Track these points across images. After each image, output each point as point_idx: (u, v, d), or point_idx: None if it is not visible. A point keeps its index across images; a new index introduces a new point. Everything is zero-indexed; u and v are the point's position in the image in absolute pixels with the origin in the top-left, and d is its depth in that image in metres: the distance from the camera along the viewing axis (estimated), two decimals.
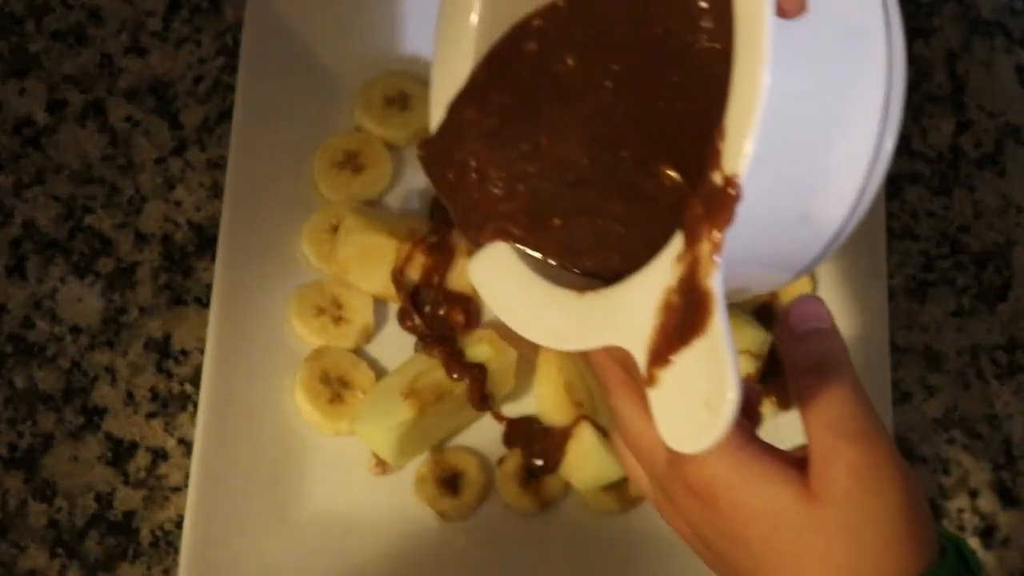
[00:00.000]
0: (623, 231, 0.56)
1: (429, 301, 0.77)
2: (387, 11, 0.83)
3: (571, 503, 0.76)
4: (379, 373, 0.77)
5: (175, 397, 0.78)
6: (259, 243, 0.78)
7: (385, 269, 0.77)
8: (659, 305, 0.50)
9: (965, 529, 0.77)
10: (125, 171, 0.81)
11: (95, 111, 0.82)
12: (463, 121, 0.60)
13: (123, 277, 0.80)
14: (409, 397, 0.73)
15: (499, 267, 0.58)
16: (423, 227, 0.78)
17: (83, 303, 0.79)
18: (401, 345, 0.78)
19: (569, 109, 0.58)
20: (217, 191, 0.80)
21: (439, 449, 0.76)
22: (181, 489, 0.76)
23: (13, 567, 0.74)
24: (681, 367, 0.49)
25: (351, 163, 0.80)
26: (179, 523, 0.75)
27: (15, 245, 0.80)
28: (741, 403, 0.47)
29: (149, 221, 0.81)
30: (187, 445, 0.76)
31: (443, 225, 0.78)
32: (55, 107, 0.82)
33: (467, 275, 0.76)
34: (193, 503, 0.72)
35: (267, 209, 0.78)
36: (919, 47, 0.85)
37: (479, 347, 0.75)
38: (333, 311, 0.77)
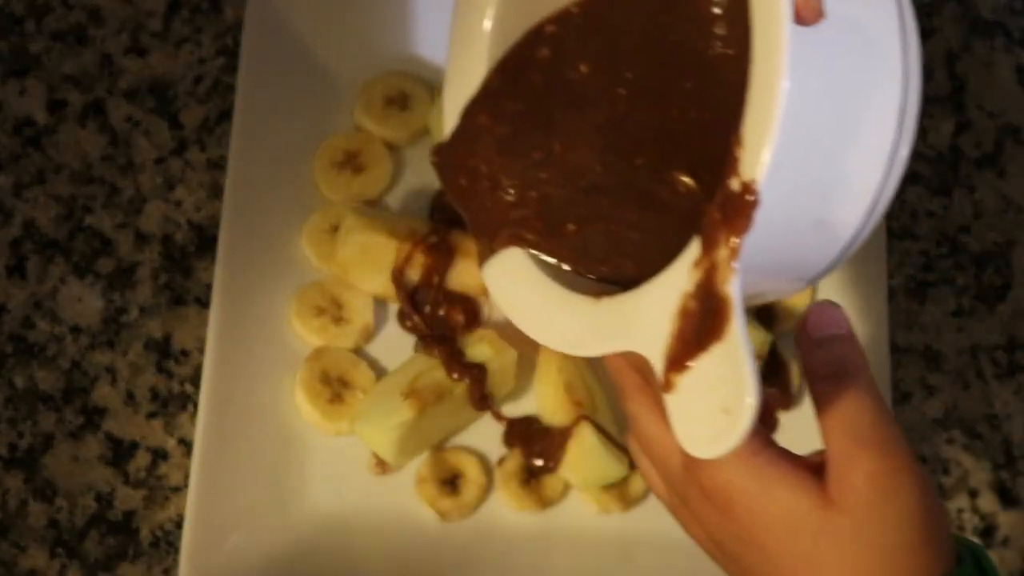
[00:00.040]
0: (638, 238, 0.56)
1: (429, 301, 0.77)
2: (387, 11, 0.83)
3: (571, 503, 0.76)
4: (379, 373, 0.77)
5: (175, 397, 0.78)
6: (259, 243, 0.78)
7: (385, 269, 0.77)
8: (676, 311, 0.50)
9: (965, 529, 0.77)
10: (125, 171, 0.81)
11: (95, 111, 0.82)
12: (476, 128, 0.60)
13: (123, 277, 0.80)
14: (409, 397, 0.73)
15: (514, 272, 0.58)
16: (423, 227, 0.78)
17: (83, 303, 0.79)
18: (401, 345, 0.78)
19: (582, 116, 0.58)
20: (217, 191, 0.80)
21: (439, 449, 0.76)
22: (181, 489, 0.76)
23: (13, 567, 0.74)
24: (699, 372, 0.49)
25: (351, 163, 0.80)
26: (179, 523, 0.75)
27: (15, 245, 0.80)
28: (760, 408, 0.48)
29: (149, 221, 0.81)
30: (187, 445, 0.76)
31: (443, 225, 0.78)
32: (55, 107, 0.82)
33: (467, 275, 0.77)
34: (193, 503, 0.72)
35: (267, 209, 0.78)
36: None
37: (479, 347, 0.75)
38: (333, 311, 0.77)
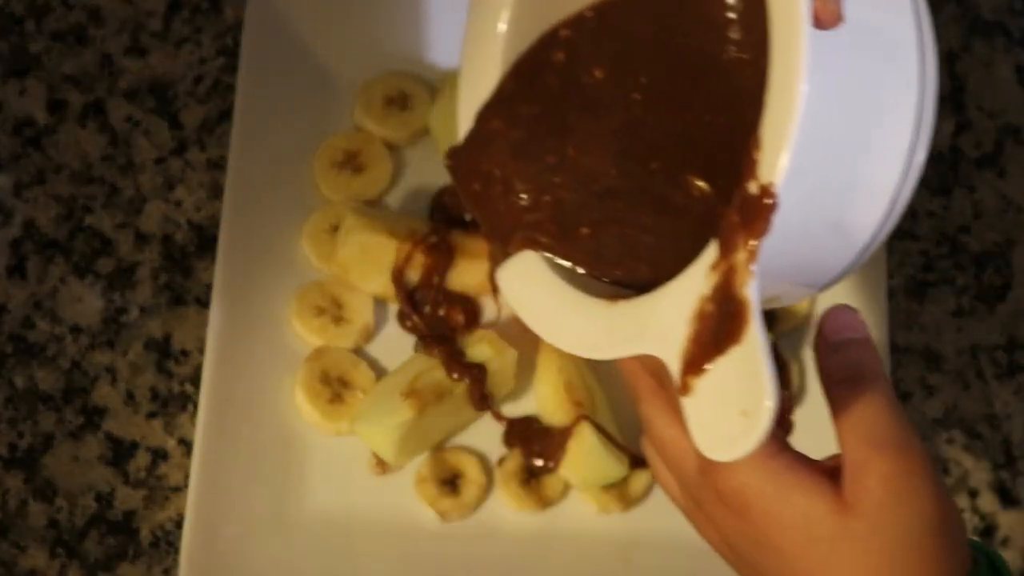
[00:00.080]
0: (652, 241, 0.56)
1: (429, 301, 0.77)
2: (387, 11, 0.83)
3: (571, 503, 0.76)
4: (379, 373, 0.77)
5: (175, 397, 0.78)
6: (259, 243, 0.78)
7: (385, 269, 0.77)
8: (693, 314, 0.50)
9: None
10: (125, 171, 0.81)
11: (95, 111, 0.82)
12: (490, 131, 0.60)
13: (123, 277, 0.80)
14: (409, 397, 0.73)
15: (528, 275, 0.58)
16: (423, 227, 0.78)
17: (83, 303, 0.79)
18: (401, 345, 0.78)
19: (597, 120, 0.58)
20: (217, 191, 0.80)
21: (439, 449, 0.76)
22: (181, 489, 0.76)
23: (13, 567, 0.74)
24: (716, 376, 0.49)
25: (351, 163, 0.80)
26: (179, 523, 0.75)
27: (15, 245, 0.80)
28: (778, 412, 0.48)
29: (149, 221, 0.81)
30: (187, 445, 0.76)
31: (443, 225, 0.78)
32: (55, 107, 0.82)
33: (467, 275, 0.77)
34: (193, 503, 0.72)
35: (267, 209, 0.78)
36: None
37: (479, 347, 0.75)
38: (333, 311, 0.77)
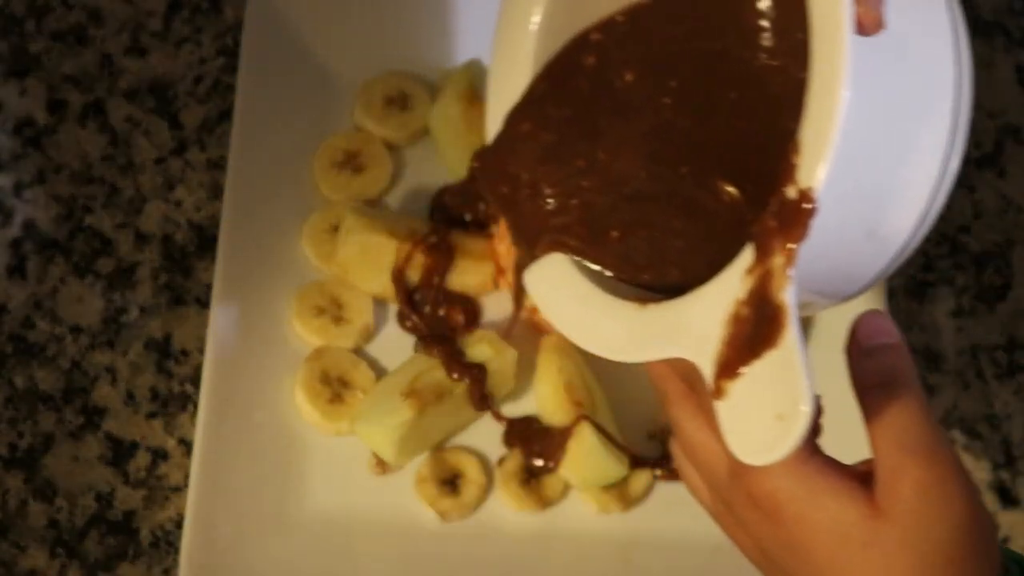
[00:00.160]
0: (682, 245, 0.56)
1: (429, 301, 0.77)
2: (387, 11, 0.83)
3: (571, 503, 0.75)
4: (379, 373, 0.77)
5: (175, 397, 0.78)
6: (259, 243, 0.78)
7: (385, 269, 0.77)
8: (727, 317, 0.50)
9: None
10: (125, 171, 0.81)
11: (95, 111, 0.82)
12: (519, 134, 0.60)
13: (123, 277, 0.80)
14: (409, 397, 0.73)
15: (555, 278, 0.58)
16: (423, 227, 0.78)
17: (83, 303, 0.79)
18: (401, 345, 0.78)
19: (628, 124, 0.58)
20: (217, 191, 0.80)
21: (439, 449, 0.76)
22: (181, 489, 0.76)
23: (13, 567, 0.74)
24: (751, 379, 0.49)
25: (351, 163, 0.80)
26: (179, 523, 0.75)
27: (15, 245, 0.80)
28: (815, 416, 0.48)
29: (149, 221, 0.81)
30: (187, 445, 0.76)
31: (443, 225, 0.78)
32: (55, 107, 0.82)
33: (467, 275, 0.77)
34: (193, 503, 0.72)
35: (267, 209, 0.78)
36: None
37: (479, 347, 0.75)
38: (333, 311, 0.77)
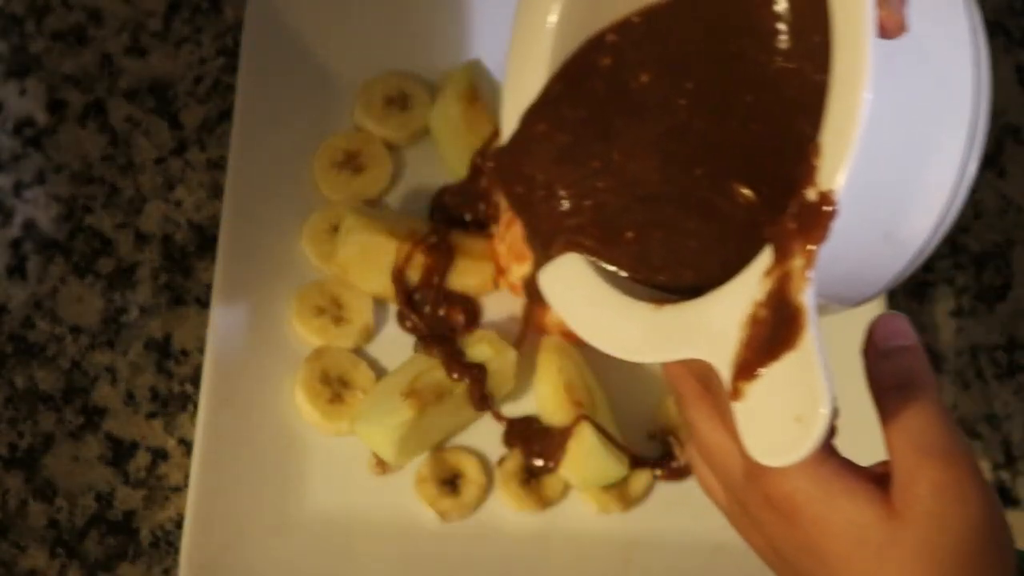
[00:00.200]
0: (697, 246, 0.56)
1: (429, 301, 0.77)
2: (387, 11, 0.83)
3: (571, 503, 0.76)
4: (379, 373, 0.77)
5: (175, 397, 0.78)
6: (259, 243, 0.78)
7: (385, 269, 0.77)
8: (745, 319, 0.50)
9: None
10: (125, 171, 0.81)
11: (95, 111, 0.82)
12: (534, 135, 0.60)
13: (123, 277, 0.80)
14: (409, 397, 0.73)
15: (570, 278, 0.58)
16: (423, 227, 0.78)
17: (83, 303, 0.79)
18: (401, 345, 0.78)
19: (643, 126, 0.58)
20: (217, 191, 0.80)
21: (439, 449, 0.76)
22: (181, 489, 0.76)
23: (13, 567, 0.74)
24: (769, 381, 0.49)
25: (351, 163, 0.80)
26: (179, 523, 0.75)
27: (15, 245, 0.80)
28: (833, 418, 0.48)
29: (149, 221, 0.81)
30: (187, 445, 0.76)
31: (443, 225, 0.78)
32: (55, 107, 0.82)
33: (467, 275, 0.77)
34: (193, 503, 0.72)
35: (267, 209, 0.78)
36: None
37: (479, 347, 0.75)
38: (333, 311, 0.77)
